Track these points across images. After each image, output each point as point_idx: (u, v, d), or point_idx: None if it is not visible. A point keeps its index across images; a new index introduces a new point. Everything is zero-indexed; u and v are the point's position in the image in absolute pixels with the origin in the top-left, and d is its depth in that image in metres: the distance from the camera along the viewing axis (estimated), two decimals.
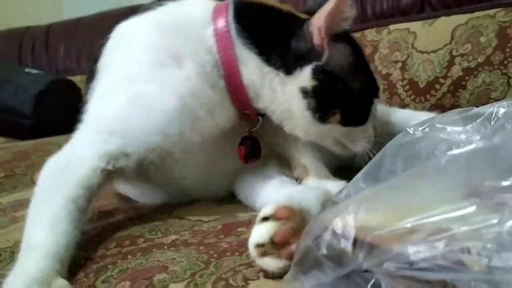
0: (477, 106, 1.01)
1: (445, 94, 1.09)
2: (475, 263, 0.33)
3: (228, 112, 0.68)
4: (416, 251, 0.36)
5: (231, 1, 0.69)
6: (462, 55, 1.08)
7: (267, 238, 0.48)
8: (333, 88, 0.65)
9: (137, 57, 0.67)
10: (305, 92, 0.64)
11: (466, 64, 1.07)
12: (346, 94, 0.65)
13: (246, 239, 0.51)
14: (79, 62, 1.97)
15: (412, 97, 1.14)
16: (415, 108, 1.12)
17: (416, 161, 0.49)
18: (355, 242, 0.39)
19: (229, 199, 0.73)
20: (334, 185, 0.67)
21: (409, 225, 0.36)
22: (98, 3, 2.19)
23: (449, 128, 0.50)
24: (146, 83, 0.64)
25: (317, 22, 0.64)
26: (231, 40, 0.65)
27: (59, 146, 0.64)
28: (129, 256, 0.54)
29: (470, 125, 0.49)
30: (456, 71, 1.08)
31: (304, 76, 0.64)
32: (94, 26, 2.03)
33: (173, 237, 0.57)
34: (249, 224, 0.58)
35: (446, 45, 1.12)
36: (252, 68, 0.65)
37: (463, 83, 1.06)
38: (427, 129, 0.51)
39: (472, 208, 0.34)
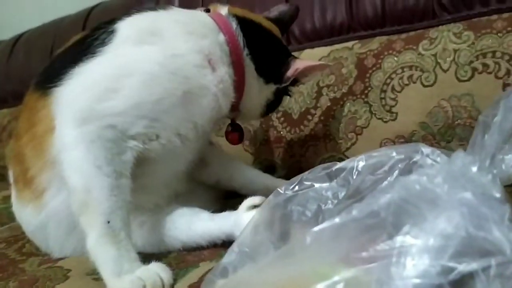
0: (346, 134, 1.10)
1: (317, 124, 1.14)
2: None
3: (230, 103, 0.85)
4: None
5: (227, 14, 0.87)
6: (328, 86, 1.15)
7: None
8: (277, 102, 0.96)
9: (176, 53, 0.76)
10: (268, 99, 0.92)
11: (333, 95, 1.13)
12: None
13: None
14: None
15: (288, 128, 1.18)
16: (292, 140, 1.16)
17: (289, 223, 0.50)
18: None
19: None
20: None
21: None
22: None
23: (316, 185, 0.52)
24: (188, 80, 0.76)
25: (299, 65, 0.87)
26: (242, 49, 0.85)
27: None
28: None
29: (335, 181, 0.51)
30: (324, 101, 1.14)
31: (270, 90, 0.91)
32: None
33: None
34: None
35: None
36: (249, 71, 0.87)
37: (332, 112, 1.12)
38: (296, 187, 0.52)
39: (341, 285, 0.34)
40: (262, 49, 0.88)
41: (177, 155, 0.80)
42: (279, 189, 0.53)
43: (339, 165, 0.53)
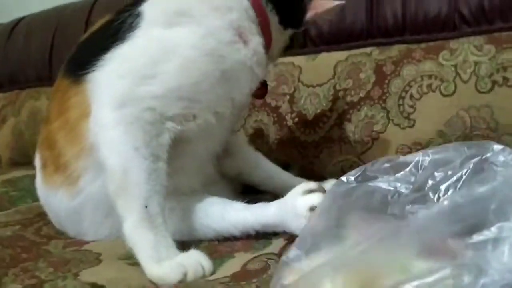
0: (362, 138, 1.11)
1: (333, 127, 1.14)
2: None
3: (265, 70, 0.87)
4: None
5: None
6: (345, 89, 1.16)
7: (318, 203, 0.64)
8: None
9: (208, 34, 0.76)
10: (286, 43, 0.92)
11: (350, 99, 1.14)
12: None
13: None
14: None
15: (302, 129, 1.18)
16: (306, 141, 1.16)
17: (352, 212, 0.50)
18: None
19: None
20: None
21: None
22: None
23: (380, 177, 0.52)
24: (224, 59, 0.76)
25: (318, 7, 0.86)
26: (265, 7, 0.83)
27: None
28: None
29: (400, 174, 0.51)
30: (341, 104, 1.15)
31: (288, 35, 0.90)
32: None
33: None
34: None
35: (329, 79, 1.18)
36: (274, 24, 0.86)
37: (348, 116, 1.13)
38: (359, 178, 0.52)
39: (447, 270, 0.35)
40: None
41: (211, 134, 0.81)
42: (342, 179, 0.53)
43: (402, 158, 0.53)
